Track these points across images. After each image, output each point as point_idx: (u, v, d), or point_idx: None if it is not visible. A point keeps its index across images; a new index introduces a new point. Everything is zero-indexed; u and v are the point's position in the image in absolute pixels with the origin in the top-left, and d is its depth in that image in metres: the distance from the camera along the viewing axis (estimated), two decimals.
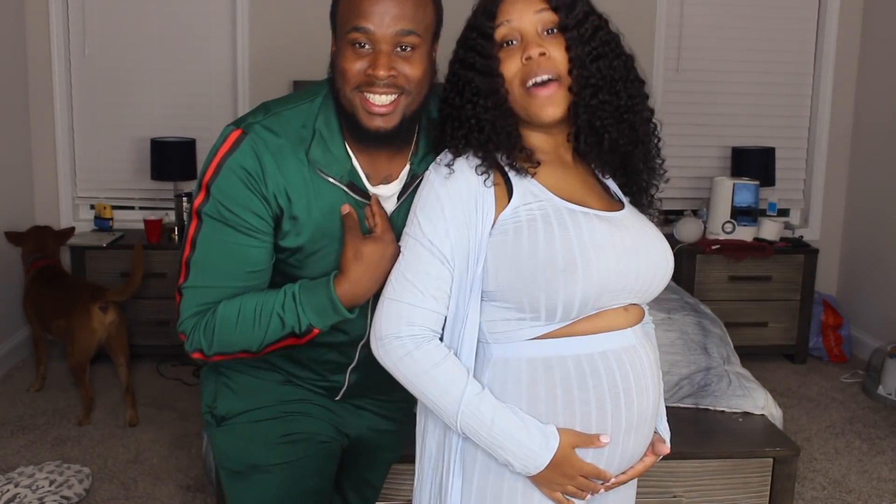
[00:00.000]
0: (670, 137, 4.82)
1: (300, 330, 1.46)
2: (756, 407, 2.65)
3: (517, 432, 1.35)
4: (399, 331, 1.38)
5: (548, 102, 1.40)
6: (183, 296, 1.48)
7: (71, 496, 2.88)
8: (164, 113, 4.38)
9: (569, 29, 1.40)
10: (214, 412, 1.66)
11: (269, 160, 1.44)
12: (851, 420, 3.72)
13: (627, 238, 1.41)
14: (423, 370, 1.37)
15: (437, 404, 1.38)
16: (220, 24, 4.35)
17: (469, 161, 1.41)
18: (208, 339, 1.48)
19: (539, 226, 1.36)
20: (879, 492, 3.12)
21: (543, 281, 1.33)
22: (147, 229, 4.09)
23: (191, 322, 1.48)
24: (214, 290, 1.47)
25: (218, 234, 1.45)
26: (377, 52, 1.40)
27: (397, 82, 1.41)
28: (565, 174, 1.46)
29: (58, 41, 4.26)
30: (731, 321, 4.10)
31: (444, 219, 1.38)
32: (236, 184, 1.44)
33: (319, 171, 1.47)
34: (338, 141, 1.49)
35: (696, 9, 4.52)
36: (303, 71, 4.32)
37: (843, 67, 4.61)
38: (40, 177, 4.36)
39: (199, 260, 1.47)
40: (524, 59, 1.39)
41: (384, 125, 1.43)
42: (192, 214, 1.48)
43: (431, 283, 1.38)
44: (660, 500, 2.44)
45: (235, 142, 1.45)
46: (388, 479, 2.36)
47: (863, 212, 4.59)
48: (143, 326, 4.10)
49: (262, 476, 1.65)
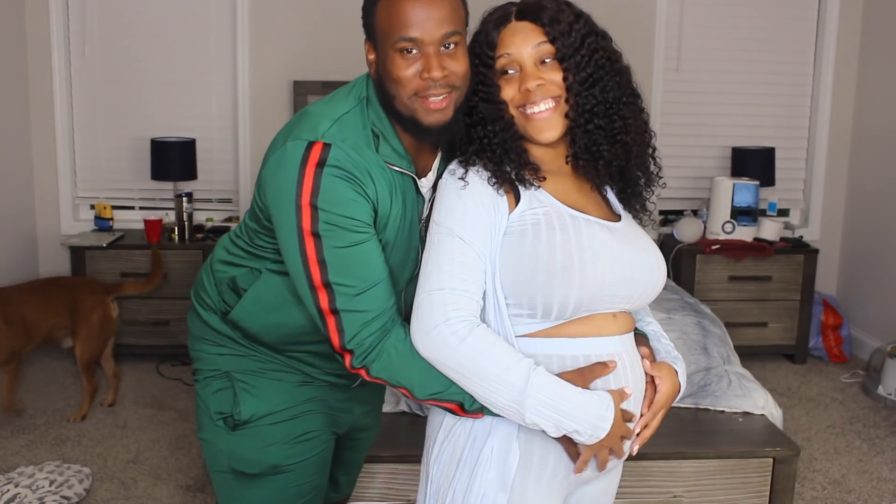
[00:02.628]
0: (670, 137, 4.89)
1: (469, 409, 1.46)
2: (756, 407, 2.65)
3: (582, 400, 1.39)
4: (448, 318, 1.40)
5: (545, 127, 1.48)
6: (338, 314, 1.46)
7: (71, 496, 2.88)
8: (164, 113, 4.38)
9: (566, 58, 1.47)
10: (235, 417, 1.66)
11: (360, 161, 1.47)
12: (851, 420, 3.72)
13: (624, 247, 1.48)
14: (481, 352, 1.39)
15: (500, 383, 1.38)
16: (220, 24, 4.35)
17: (480, 173, 1.48)
18: (383, 364, 1.46)
19: (542, 229, 1.43)
20: (879, 492, 3.12)
21: (542, 280, 1.40)
22: (147, 229, 4.09)
23: (361, 336, 1.45)
24: (366, 295, 1.45)
25: (343, 241, 1.45)
26: (426, 55, 1.45)
27: (449, 81, 1.46)
28: (568, 184, 1.54)
29: (58, 41, 4.26)
30: (731, 321, 4.11)
31: (469, 217, 1.44)
32: (342, 189, 1.44)
33: (391, 164, 1.51)
34: (394, 137, 1.53)
35: (696, 9, 4.52)
36: (303, 71, 4.32)
37: (843, 67, 4.61)
38: (40, 177, 4.36)
39: (337, 275, 1.45)
40: (522, 88, 1.47)
41: (443, 118, 1.48)
42: (302, 236, 1.44)
43: (468, 272, 1.43)
44: (660, 500, 2.44)
45: (323, 152, 1.45)
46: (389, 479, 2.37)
47: (863, 212, 4.59)
48: (143, 326, 4.10)
49: (280, 476, 1.68)
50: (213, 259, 1.74)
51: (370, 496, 2.35)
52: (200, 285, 1.76)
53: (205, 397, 1.71)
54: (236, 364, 1.68)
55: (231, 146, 4.44)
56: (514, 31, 1.48)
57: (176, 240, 4.13)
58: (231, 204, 4.52)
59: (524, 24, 1.48)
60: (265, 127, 4.32)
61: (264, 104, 4.37)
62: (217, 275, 1.70)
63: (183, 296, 4.08)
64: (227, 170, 4.46)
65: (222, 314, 1.69)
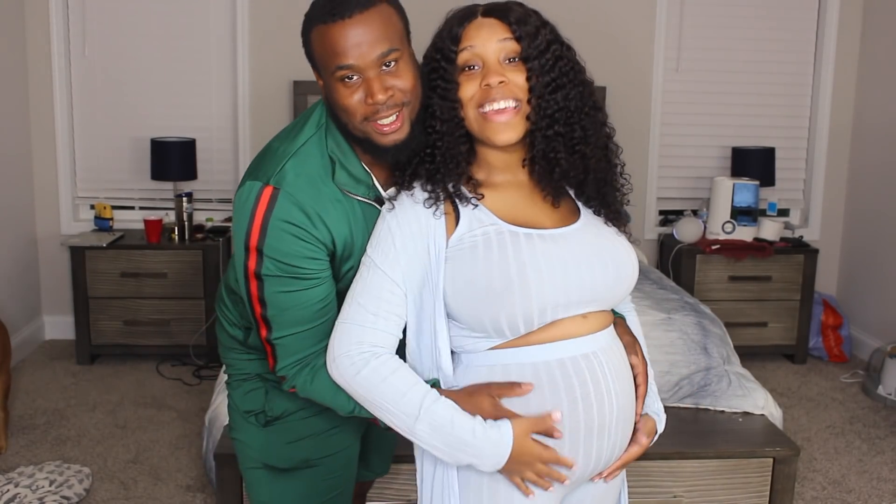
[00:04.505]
0: (670, 137, 4.90)
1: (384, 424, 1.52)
2: (756, 407, 2.65)
3: (475, 431, 1.39)
4: (349, 350, 1.44)
5: (503, 128, 1.44)
6: (273, 346, 1.54)
7: (71, 496, 2.88)
8: (164, 113, 4.38)
9: (530, 59, 1.44)
10: (267, 413, 1.70)
11: (311, 204, 1.47)
12: (851, 420, 3.72)
13: (577, 251, 1.45)
14: (375, 384, 1.42)
15: (395, 412, 1.42)
16: (220, 24, 4.35)
17: (415, 196, 1.46)
18: (306, 391, 1.55)
19: (480, 251, 1.41)
20: (879, 492, 3.12)
21: (485, 304, 1.39)
22: (147, 229, 4.09)
23: (290, 369, 1.55)
24: (300, 336, 1.52)
25: (283, 287, 1.49)
26: (367, 80, 1.43)
27: (396, 100, 1.45)
28: (517, 195, 1.51)
29: (58, 41, 4.26)
30: (731, 321, 4.11)
31: (394, 249, 1.44)
32: (288, 239, 1.46)
33: (348, 192, 1.52)
34: (354, 161, 1.53)
35: (696, 9, 4.52)
36: (303, 71, 4.31)
37: (843, 67, 4.61)
38: (40, 177, 4.36)
39: (275, 314, 1.51)
40: (483, 84, 1.43)
41: (399, 137, 1.47)
42: (248, 276, 1.50)
43: (383, 306, 1.44)
44: (660, 500, 2.44)
45: (272, 199, 1.46)
46: (389, 479, 2.36)
47: (863, 212, 4.59)
48: (143, 326, 4.10)
49: (312, 470, 1.72)
50: (226, 278, 1.77)
51: (370, 496, 2.35)
52: (221, 301, 1.78)
53: (236, 399, 1.76)
54: (266, 367, 1.71)
55: (231, 146, 4.44)
56: (479, 25, 1.45)
57: (176, 240, 4.13)
58: (231, 204, 4.52)
59: (490, 21, 1.45)
60: (265, 127, 4.32)
61: (264, 104, 4.37)
62: (232, 295, 1.73)
63: (183, 296, 4.08)
64: (227, 170, 4.46)
65: (245, 329, 1.72)
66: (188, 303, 4.10)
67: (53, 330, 4.47)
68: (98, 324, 4.08)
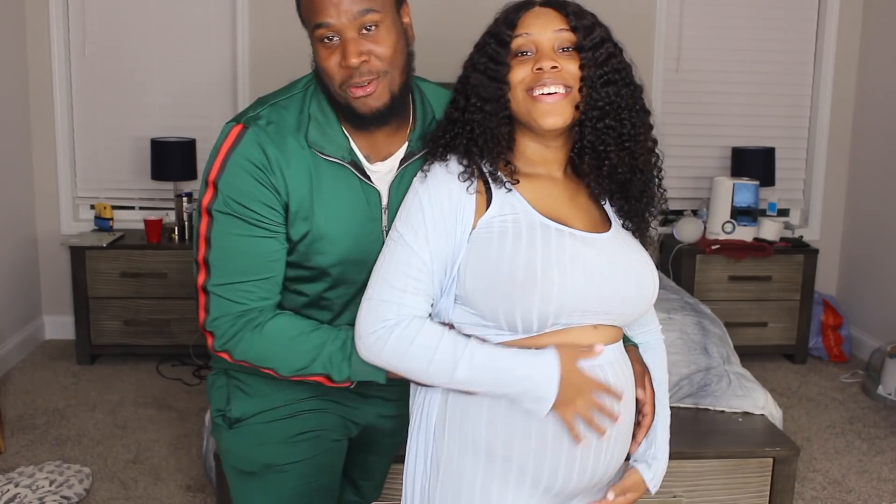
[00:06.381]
0: (670, 137, 4.89)
1: (337, 379, 1.49)
2: (756, 407, 2.65)
3: (520, 363, 1.36)
4: (375, 328, 1.41)
5: (552, 111, 1.41)
6: (208, 294, 1.50)
7: (71, 496, 2.88)
8: (164, 113, 4.38)
9: (584, 50, 1.43)
10: (228, 415, 1.67)
11: (273, 150, 1.47)
12: (851, 420, 3.72)
13: (604, 260, 1.42)
14: (405, 349, 1.39)
15: (431, 370, 1.39)
16: (220, 24, 4.35)
17: (450, 168, 1.43)
18: (244, 348, 1.50)
19: (509, 238, 1.38)
20: (879, 492, 3.12)
21: (502, 293, 1.36)
22: (147, 229, 4.09)
23: (224, 324, 1.49)
24: (239, 287, 1.48)
25: (232, 228, 1.47)
26: (344, 41, 1.43)
27: (372, 67, 1.44)
28: (552, 190, 1.48)
29: (58, 41, 4.26)
30: (731, 321, 4.10)
31: (424, 225, 1.41)
32: (245, 177, 1.46)
33: (319, 152, 1.50)
34: (334, 124, 1.52)
35: (696, 9, 4.52)
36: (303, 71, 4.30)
37: (843, 67, 4.61)
38: (40, 177, 4.36)
39: (217, 257, 1.48)
40: (535, 68, 1.42)
41: (376, 104, 1.46)
42: (201, 212, 1.49)
43: (409, 283, 1.41)
44: (660, 500, 2.44)
45: (238, 136, 1.47)
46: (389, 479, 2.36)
47: (862, 211, 4.59)
48: (144, 326, 4.10)
49: (277, 476, 1.67)
50: None
51: None
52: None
53: (210, 394, 1.73)
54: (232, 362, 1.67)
55: None
56: (537, 14, 1.45)
57: (176, 240, 4.13)
58: None
59: (548, 10, 1.46)
60: None
61: None
62: None
63: (183, 296, 4.08)
64: None
65: None
66: (188, 303, 4.10)
67: (53, 330, 4.47)
68: (98, 324, 4.09)
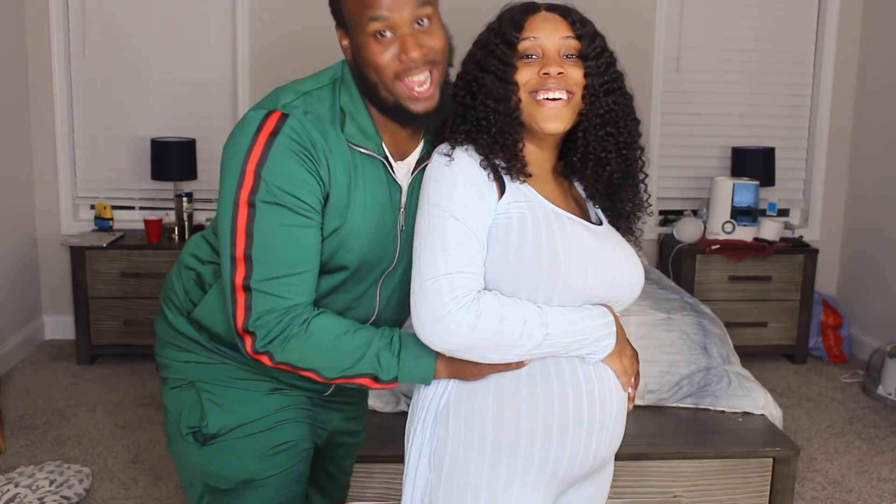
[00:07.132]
0: (670, 137, 4.88)
1: (385, 379, 1.46)
2: (756, 407, 2.65)
3: (588, 320, 1.43)
4: (459, 302, 1.37)
5: (554, 116, 1.46)
6: (250, 292, 1.40)
7: (71, 496, 2.88)
8: (164, 113, 4.38)
9: (589, 58, 1.48)
10: (203, 431, 1.60)
11: (319, 138, 1.43)
12: (851, 420, 3.72)
13: (606, 249, 1.48)
14: (495, 328, 1.37)
15: (521, 342, 1.39)
16: (220, 24, 4.35)
17: (472, 154, 1.45)
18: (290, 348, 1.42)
19: (528, 223, 1.42)
20: (879, 492, 3.12)
21: (527, 276, 1.40)
22: (147, 229, 4.09)
23: (270, 322, 1.40)
24: (285, 281, 1.40)
25: (278, 219, 1.39)
26: (402, 36, 1.41)
27: (428, 58, 1.43)
28: (551, 187, 1.54)
29: (58, 41, 4.26)
30: (731, 321, 4.11)
31: (467, 200, 1.41)
32: (292, 164, 1.39)
33: (355, 145, 1.47)
34: (366, 118, 1.49)
35: (696, 9, 4.52)
36: (303, 71, 4.29)
37: (843, 67, 4.61)
38: (40, 177, 4.36)
39: (261, 250, 1.39)
40: (541, 73, 1.45)
41: (430, 105, 1.45)
42: (237, 205, 1.39)
43: (466, 254, 1.40)
44: (660, 500, 2.44)
45: (279, 122, 1.40)
46: (387, 478, 2.36)
47: (863, 211, 4.59)
48: (144, 326, 4.10)
49: (253, 491, 1.62)
50: (181, 257, 1.68)
51: (369, 496, 2.35)
52: (169, 286, 1.68)
53: (173, 409, 1.64)
54: (203, 373, 1.61)
55: None
56: (544, 18, 1.48)
57: (176, 240, 4.13)
58: None
59: (554, 16, 1.49)
60: None
61: None
62: (184, 272, 1.64)
63: None
64: None
65: (188, 314, 1.62)
66: None
67: (53, 330, 4.47)
68: (98, 324, 4.09)
